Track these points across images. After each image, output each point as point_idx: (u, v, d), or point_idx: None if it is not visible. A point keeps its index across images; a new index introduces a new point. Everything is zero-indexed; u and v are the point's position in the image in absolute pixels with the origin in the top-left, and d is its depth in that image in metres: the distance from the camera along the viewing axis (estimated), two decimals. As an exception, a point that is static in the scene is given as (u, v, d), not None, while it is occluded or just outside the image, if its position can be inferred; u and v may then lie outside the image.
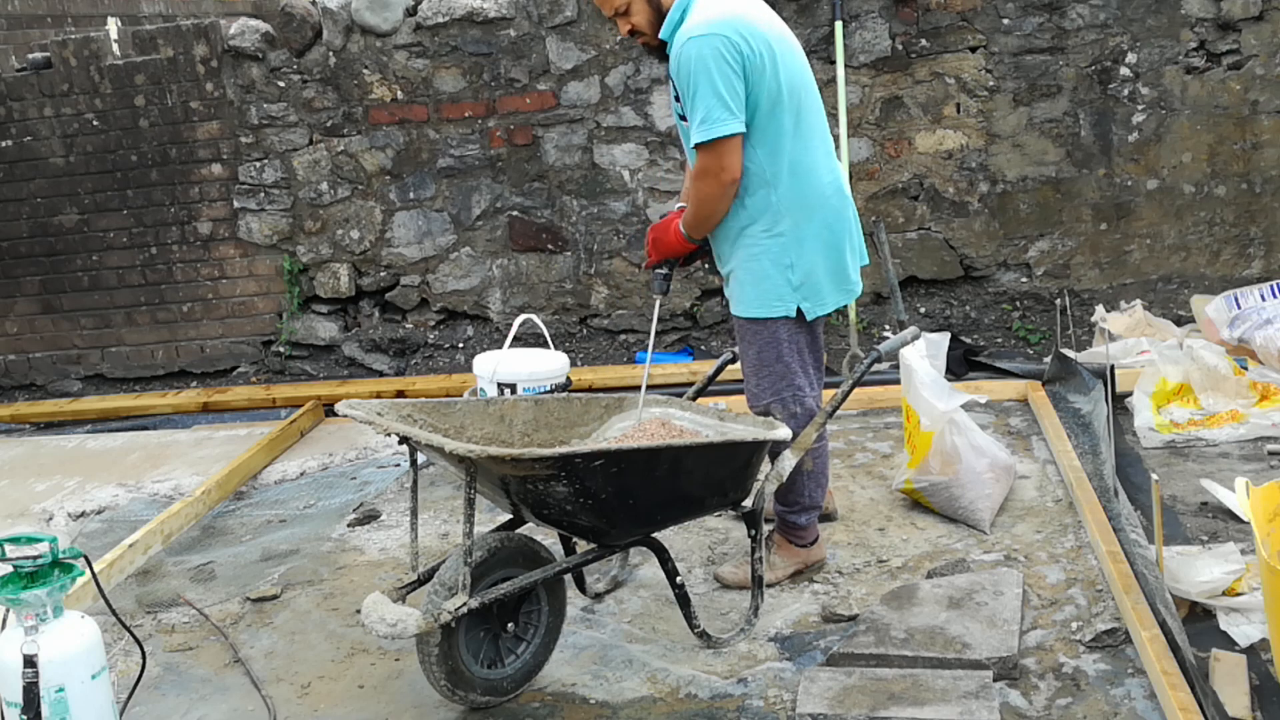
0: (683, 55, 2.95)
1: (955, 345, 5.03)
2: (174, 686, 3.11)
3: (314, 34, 5.66)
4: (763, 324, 3.18)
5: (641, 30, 3.13)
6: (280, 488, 4.62)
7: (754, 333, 3.20)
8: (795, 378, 3.21)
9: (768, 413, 3.21)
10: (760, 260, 3.13)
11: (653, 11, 3.10)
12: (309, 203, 5.87)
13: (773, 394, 3.21)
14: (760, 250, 3.12)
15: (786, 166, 3.08)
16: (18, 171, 6.00)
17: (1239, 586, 2.94)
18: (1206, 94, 5.24)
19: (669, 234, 3.22)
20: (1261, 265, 5.37)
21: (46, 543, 2.53)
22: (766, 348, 3.19)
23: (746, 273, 3.16)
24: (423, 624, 2.59)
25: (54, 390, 6.25)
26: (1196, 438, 4.09)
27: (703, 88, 2.92)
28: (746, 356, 3.24)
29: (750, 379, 3.25)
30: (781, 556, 3.38)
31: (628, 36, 3.19)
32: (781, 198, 3.08)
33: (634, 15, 3.11)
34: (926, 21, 5.31)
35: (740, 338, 3.26)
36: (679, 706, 2.80)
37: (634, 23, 3.12)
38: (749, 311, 3.19)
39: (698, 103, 2.94)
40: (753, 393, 3.25)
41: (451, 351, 5.95)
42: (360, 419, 2.79)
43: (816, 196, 3.13)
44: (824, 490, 3.41)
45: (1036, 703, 2.69)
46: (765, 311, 3.16)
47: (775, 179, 3.07)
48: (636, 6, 3.10)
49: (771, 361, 3.19)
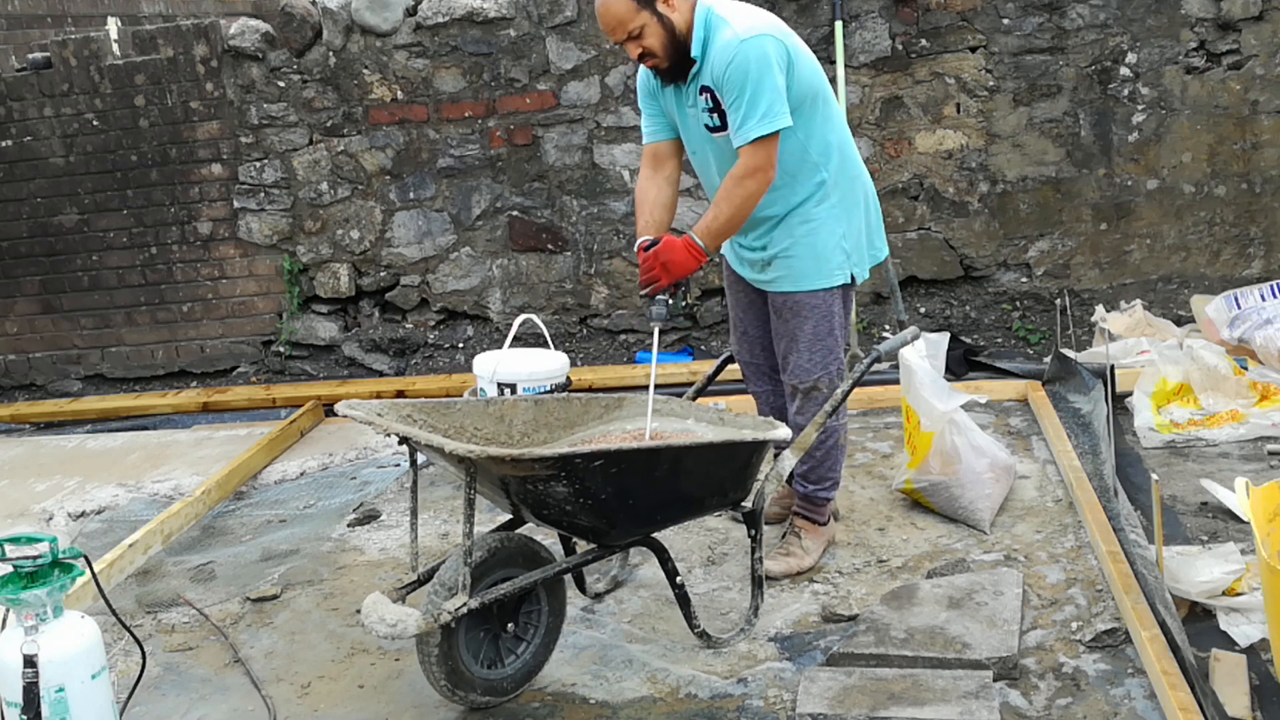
0: (738, 57, 3.02)
1: (955, 345, 5.03)
2: (174, 686, 3.11)
3: (314, 34, 5.67)
4: (821, 296, 3.29)
5: (654, 53, 3.10)
6: (280, 488, 4.62)
7: (811, 307, 3.30)
8: (840, 351, 3.37)
9: (815, 388, 3.32)
10: (819, 233, 3.26)
11: (666, 34, 3.08)
12: (309, 203, 5.87)
13: (821, 368, 3.33)
14: (817, 224, 3.25)
15: (836, 146, 3.26)
16: (18, 171, 6.00)
17: (1239, 586, 2.94)
18: (1206, 94, 5.24)
19: (682, 253, 3.09)
20: (1261, 265, 5.37)
21: (46, 543, 2.53)
22: (822, 321, 3.31)
23: (804, 247, 3.26)
24: (423, 624, 2.59)
25: (54, 390, 6.25)
26: (1196, 438, 4.09)
27: (765, 84, 3.02)
28: (800, 333, 3.31)
29: (801, 354, 3.32)
30: (812, 539, 3.47)
31: (637, 60, 3.16)
32: (831, 174, 3.26)
33: (647, 39, 3.08)
34: (926, 21, 5.31)
35: (792, 315, 3.32)
36: (679, 706, 2.80)
37: (646, 45, 3.08)
38: (809, 285, 3.28)
39: (759, 99, 3.03)
40: (803, 368, 3.33)
41: (451, 351, 5.95)
42: (360, 419, 2.79)
43: (856, 168, 3.34)
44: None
45: (1036, 703, 2.69)
46: (825, 282, 3.28)
47: (825, 158, 3.24)
48: (651, 30, 3.07)
49: (824, 335, 3.31)
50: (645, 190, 3.36)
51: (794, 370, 3.35)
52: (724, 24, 3.10)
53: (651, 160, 3.40)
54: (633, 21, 3.05)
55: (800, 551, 3.43)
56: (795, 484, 3.49)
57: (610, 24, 3.08)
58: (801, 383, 3.34)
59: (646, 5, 3.05)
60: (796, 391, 3.37)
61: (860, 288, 5.45)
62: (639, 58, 3.14)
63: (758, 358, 3.58)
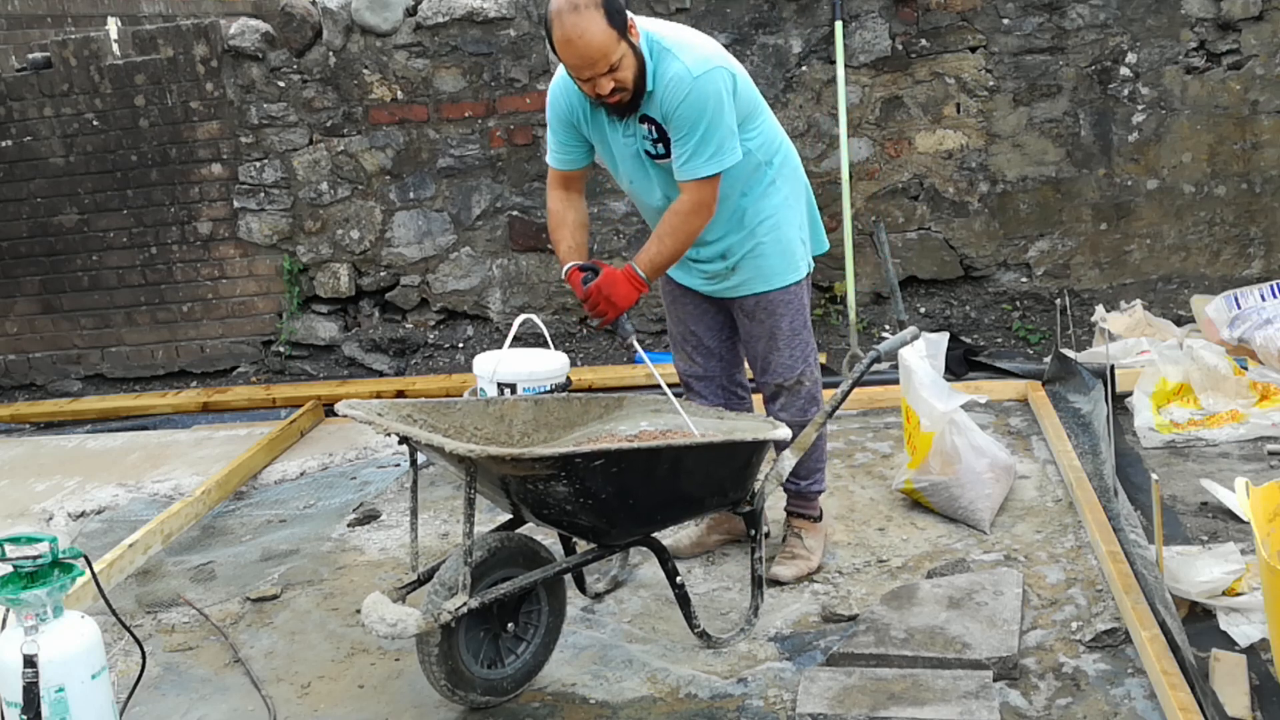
0: (693, 95, 2.93)
1: (955, 345, 5.03)
2: (174, 686, 3.11)
3: (314, 34, 5.67)
4: (793, 290, 3.31)
5: (626, 85, 2.92)
6: (280, 488, 4.62)
7: (784, 303, 3.31)
8: (813, 340, 3.39)
9: (799, 382, 3.34)
10: (781, 227, 3.26)
11: (639, 64, 2.92)
12: (309, 203, 5.87)
13: (803, 361, 3.36)
14: (777, 218, 3.25)
15: (777, 140, 3.26)
16: (18, 171, 6.00)
17: (1239, 586, 2.94)
18: (1206, 94, 5.24)
19: (624, 285, 3.02)
20: (1261, 265, 5.37)
21: (46, 543, 2.53)
22: (797, 315, 3.33)
23: (770, 245, 3.25)
24: (423, 624, 2.59)
25: (54, 390, 6.25)
26: (1196, 438, 4.09)
27: (719, 124, 2.97)
28: (778, 331, 3.32)
29: (782, 352, 3.33)
30: (813, 538, 3.49)
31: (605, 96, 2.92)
32: (778, 170, 3.26)
33: (623, 70, 2.89)
34: (926, 21, 5.31)
35: (767, 315, 3.31)
36: (679, 706, 2.80)
37: (620, 78, 2.89)
38: (781, 281, 3.29)
39: (710, 138, 2.97)
40: (785, 364, 3.34)
41: (451, 351, 5.95)
42: (360, 419, 2.79)
43: (796, 159, 3.35)
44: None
45: (1036, 703, 2.69)
46: (794, 276, 3.30)
47: (772, 155, 3.24)
48: (627, 61, 2.89)
49: (800, 328, 3.34)
50: (562, 214, 3.25)
51: (776, 369, 3.34)
52: (669, 54, 2.97)
53: (562, 183, 3.27)
54: (615, 53, 2.85)
55: (805, 552, 3.43)
56: (787, 484, 3.45)
57: (591, 57, 2.83)
58: (786, 380, 3.34)
59: (623, 35, 2.86)
60: (781, 389, 3.37)
61: (860, 288, 5.48)
62: (609, 93, 2.91)
63: (712, 369, 3.51)
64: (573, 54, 2.84)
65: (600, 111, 3.10)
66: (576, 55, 2.84)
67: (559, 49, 2.86)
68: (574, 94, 3.11)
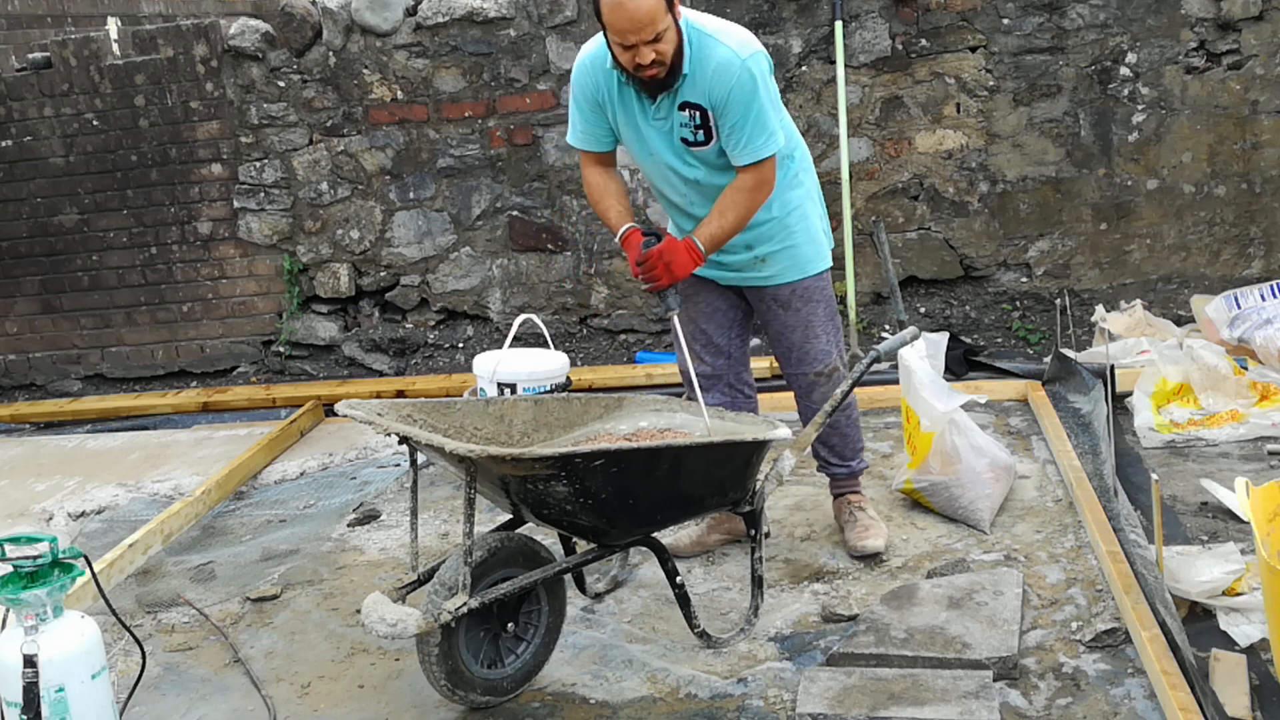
0: (742, 78, 3.02)
1: (955, 345, 5.03)
2: (174, 686, 3.11)
3: (314, 34, 5.67)
4: (824, 276, 3.42)
5: (664, 60, 2.97)
6: (280, 488, 4.62)
7: (819, 289, 3.41)
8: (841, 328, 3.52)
9: (836, 368, 3.45)
10: (809, 218, 3.38)
11: (680, 40, 3.00)
12: (309, 203, 5.87)
13: (836, 347, 3.46)
14: (804, 209, 3.36)
15: (797, 137, 3.38)
16: (18, 171, 6.00)
17: (1239, 586, 2.94)
18: (1206, 94, 5.24)
19: (684, 255, 3.08)
20: (1261, 265, 5.37)
21: (46, 543, 2.54)
22: (829, 300, 3.44)
23: (802, 233, 3.36)
24: (423, 624, 2.59)
25: (54, 390, 6.25)
26: (1196, 438, 4.09)
27: (767, 104, 3.07)
28: (814, 318, 3.40)
29: (819, 338, 3.42)
30: (872, 508, 3.62)
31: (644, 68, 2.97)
32: (799, 163, 3.37)
33: (666, 43, 2.94)
34: (926, 21, 5.31)
35: (804, 303, 3.39)
36: (679, 706, 2.80)
37: (661, 50, 2.94)
38: (814, 268, 3.39)
39: (766, 118, 3.07)
40: (823, 351, 3.43)
41: (451, 351, 5.95)
42: (360, 419, 2.79)
43: (809, 154, 3.47)
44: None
45: (1036, 703, 2.69)
46: (824, 263, 3.42)
47: (794, 149, 3.35)
48: (670, 34, 2.95)
49: (833, 314, 3.46)
50: (604, 185, 3.29)
51: (815, 356, 3.43)
52: (712, 40, 3.03)
53: (596, 161, 3.33)
54: (662, 22, 2.91)
55: (875, 522, 3.54)
56: (834, 468, 3.60)
57: (641, 21, 2.88)
58: (825, 366, 3.44)
59: (670, 8, 2.94)
60: (820, 378, 3.44)
61: (860, 287, 5.47)
62: (648, 65, 2.96)
63: (720, 367, 3.53)
64: (622, 16, 2.89)
65: (628, 91, 3.15)
66: (626, 18, 2.89)
67: (608, 12, 2.92)
68: (601, 72, 3.16)
